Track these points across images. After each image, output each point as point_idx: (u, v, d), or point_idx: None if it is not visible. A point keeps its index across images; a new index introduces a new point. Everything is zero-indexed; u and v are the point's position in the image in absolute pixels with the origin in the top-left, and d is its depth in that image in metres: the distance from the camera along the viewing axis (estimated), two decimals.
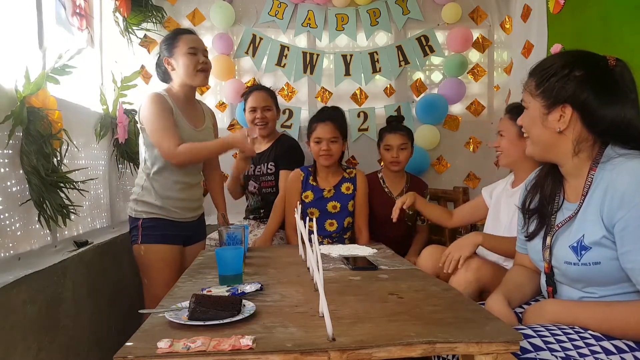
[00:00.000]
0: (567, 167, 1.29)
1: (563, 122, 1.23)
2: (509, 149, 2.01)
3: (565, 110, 1.22)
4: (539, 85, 1.27)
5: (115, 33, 2.60)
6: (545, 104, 1.25)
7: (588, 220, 1.20)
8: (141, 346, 0.97)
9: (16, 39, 1.59)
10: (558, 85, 1.23)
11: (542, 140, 1.28)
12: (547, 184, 1.37)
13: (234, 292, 1.30)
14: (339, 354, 0.94)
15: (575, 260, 1.21)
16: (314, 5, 3.30)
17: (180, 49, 2.13)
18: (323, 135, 2.41)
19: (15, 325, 1.40)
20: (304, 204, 2.45)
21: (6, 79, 1.50)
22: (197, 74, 2.14)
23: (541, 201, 1.37)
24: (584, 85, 1.21)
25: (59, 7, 1.92)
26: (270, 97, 2.76)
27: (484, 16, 3.39)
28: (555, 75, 1.23)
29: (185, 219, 2.21)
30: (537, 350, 1.11)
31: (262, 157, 2.77)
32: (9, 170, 1.51)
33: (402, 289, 1.36)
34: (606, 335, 1.16)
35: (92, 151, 2.20)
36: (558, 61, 1.26)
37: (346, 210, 2.47)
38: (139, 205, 2.15)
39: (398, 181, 2.73)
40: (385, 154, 2.67)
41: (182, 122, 2.14)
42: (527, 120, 1.32)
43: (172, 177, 2.14)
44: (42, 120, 1.61)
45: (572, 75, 1.22)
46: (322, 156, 2.42)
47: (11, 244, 1.51)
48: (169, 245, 2.13)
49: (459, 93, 3.33)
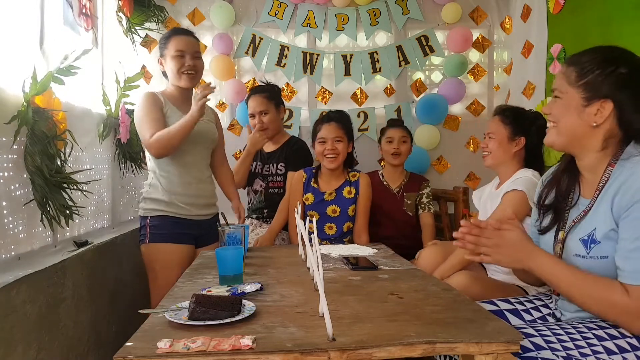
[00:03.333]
0: (586, 161, 1.28)
1: (600, 117, 1.22)
2: (497, 150, 2.01)
3: (604, 105, 1.21)
4: (582, 76, 1.24)
5: (118, 33, 2.60)
6: (585, 96, 1.23)
7: (600, 214, 1.21)
8: (141, 346, 0.97)
9: (21, 40, 1.59)
10: (601, 79, 1.21)
11: (572, 131, 1.27)
12: (564, 179, 1.37)
13: (234, 292, 1.30)
14: (339, 354, 0.94)
15: (584, 253, 1.23)
16: (314, 5, 3.30)
17: (169, 50, 2.14)
18: (327, 135, 2.37)
19: (15, 325, 1.40)
20: (304, 206, 2.43)
21: (12, 80, 1.50)
22: (182, 76, 2.14)
23: (557, 197, 1.37)
24: (628, 84, 1.21)
25: (66, 7, 1.91)
26: (268, 99, 2.72)
27: (484, 16, 3.39)
28: (599, 69, 1.22)
29: (195, 216, 2.17)
30: (538, 349, 1.11)
31: (271, 157, 2.77)
32: (13, 170, 1.51)
33: (402, 289, 1.36)
34: (609, 335, 1.16)
35: (95, 151, 2.20)
36: (602, 55, 1.25)
37: (346, 215, 2.41)
38: (146, 203, 2.15)
39: (397, 176, 2.78)
40: (387, 146, 2.73)
41: (176, 116, 2.11)
42: (559, 109, 1.29)
43: (178, 172, 2.13)
44: (47, 120, 1.61)
45: (617, 71, 1.21)
46: (327, 157, 2.37)
47: (12, 245, 1.51)
48: (177, 245, 2.10)
49: (459, 93, 3.33)
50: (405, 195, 2.75)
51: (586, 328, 1.19)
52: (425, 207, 2.75)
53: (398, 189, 2.76)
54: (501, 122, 2.02)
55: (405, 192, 2.75)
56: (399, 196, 2.75)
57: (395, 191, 2.76)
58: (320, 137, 2.39)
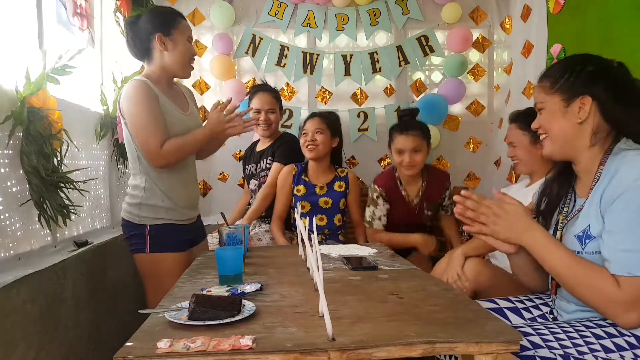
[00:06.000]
0: (582, 163, 1.31)
1: (584, 112, 1.26)
2: (525, 156, 2.03)
3: (584, 101, 1.26)
4: (555, 83, 1.31)
5: (115, 33, 2.60)
6: (564, 98, 1.29)
7: (593, 211, 1.23)
8: (141, 346, 0.97)
9: (16, 39, 1.59)
10: (573, 78, 1.28)
11: (563, 135, 1.30)
12: (554, 187, 1.41)
13: (234, 292, 1.30)
14: (339, 354, 0.94)
15: (579, 249, 1.24)
16: (314, 5, 3.30)
17: (182, 32, 1.97)
18: (308, 128, 2.50)
19: (15, 325, 1.40)
20: (295, 197, 2.48)
21: (6, 80, 1.50)
22: (189, 66, 2.03)
23: (549, 203, 1.42)
24: (599, 77, 1.26)
25: (59, 7, 1.91)
26: (274, 99, 2.76)
27: (484, 16, 3.40)
28: (568, 72, 1.29)
29: (189, 220, 2.09)
30: (535, 348, 1.12)
31: (262, 154, 2.79)
32: (9, 170, 1.51)
33: (402, 289, 1.36)
34: (607, 333, 1.16)
35: (92, 151, 2.20)
36: (568, 62, 1.34)
37: (337, 208, 2.52)
38: (143, 210, 1.95)
39: (415, 182, 2.51)
40: (397, 157, 2.41)
41: (169, 108, 1.95)
42: (545, 119, 1.34)
43: (176, 174, 1.99)
44: (43, 120, 1.60)
45: (585, 70, 1.27)
46: (308, 148, 2.49)
47: (11, 244, 1.51)
48: (179, 253, 2.00)
49: (459, 93, 3.34)
50: (426, 206, 2.49)
51: (584, 327, 1.19)
52: (448, 209, 2.56)
53: (417, 199, 2.49)
54: (519, 129, 2.04)
55: (425, 202, 2.49)
56: (418, 209, 2.50)
57: (415, 203, 2.49)
58: (303, 131, 2.52)
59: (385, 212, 2.50)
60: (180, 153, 1.93)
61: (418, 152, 2.37)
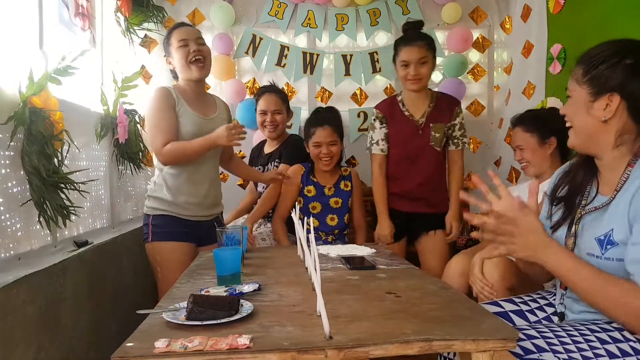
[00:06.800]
0: (605, 161, 1.25)
1: (609, 111, 1.19)
2: (534, 158, 2.01)
3: (612, 99, 1.18)
4: (587, 72, 1.22)
5: (116, 33, 2.61)
6: (591, 92, 1.21)
7: (618, 215, 1.17)
8: (139, 346, 0.97)
9: (18, 39, 1.59)
10: (607, 73, 1.18)
11: (585, 130, 1.24)
12: (580, 173, 1.34)
13: (232, 293, 1.30)
14: (336, 352, 0.95)
15: (598, 254, 1.19)
16: (314, 5, 3.31)
17: (173, 45, 2.13)
18: (322, 140, 2.45)
19: (15, 325, 1.41)
20: (306, 198, 2.49)
21: (9, 80, 1.50)
22: (190, 66, 2.12)
23: (570, 190, 1.34)
24: (635, 75, 1.16)
25: (62, 7, 1.92)
26: (281, 100, 2.76)
27: (484, 16, 3.40)
28: (604, 63, 1.19)
29: (197, 217, 2.16)
30: (540, 351, 1.10)
31: (270, 157, 2.78)
32: (10, 170, 1.52)
33: (399, 288, 1.37)
34: (612, 338, 1.14)
35: (92, 151, 2.20)
36: (608, 48, 1.22)
37: (346, 207, 2.53)
38: (150, 201, 2.15)
39: (421, 102, 2.35)
40: (402, 71, 2.29)
41: (188, 113, 2.12)
42: (570, 109, 1.28)
43: (185, 172, 2.12)
44: (44, 120, 1.61)
45: (622, 63, 1.17)
46: (323, 160, 2.46)
47: (11, 244, 1.51)
48: (178, 243, 2.11)
49: (459, 93, 3.33)
50: (432, 127, 2.32)
51: (589, 330, 1.17)
52: (459, 143, 2.38)
53: (422, 119, 2.33)
54: (526, 132, 2.02)
55: (432, 123, 2.32)
56: (422, 129, 2.33)
57: (419, 123, 2.33)
58: (315, 142, 2.46)
59: (383, 135, 2.40)
60: (180, 154, 2.06)
61: (424, 65, 2.27)
